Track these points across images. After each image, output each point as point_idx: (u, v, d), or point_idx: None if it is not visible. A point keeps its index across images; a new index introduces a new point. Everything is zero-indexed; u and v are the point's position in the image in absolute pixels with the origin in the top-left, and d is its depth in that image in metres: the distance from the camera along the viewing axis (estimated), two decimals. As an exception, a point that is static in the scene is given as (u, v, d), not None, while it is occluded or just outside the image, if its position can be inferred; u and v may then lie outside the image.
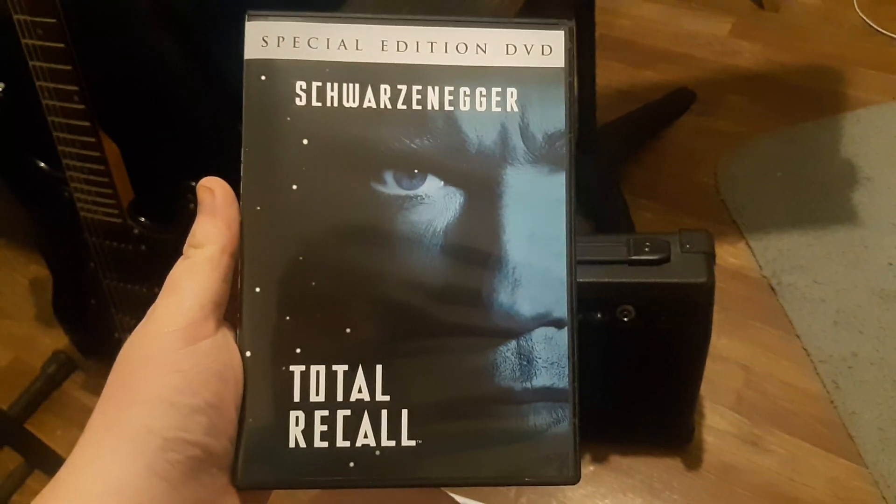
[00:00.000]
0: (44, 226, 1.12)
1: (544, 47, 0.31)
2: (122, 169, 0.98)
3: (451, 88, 0.31)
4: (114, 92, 0.97)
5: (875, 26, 1.62)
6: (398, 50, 0.31)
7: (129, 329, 1.13)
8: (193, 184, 0.99)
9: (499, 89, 0.31)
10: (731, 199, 1.37)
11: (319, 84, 0.31)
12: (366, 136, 0.31)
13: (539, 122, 0.31)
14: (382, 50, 0.31)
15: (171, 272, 0.32)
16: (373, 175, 0.31)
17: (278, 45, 0.31)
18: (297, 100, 0.31)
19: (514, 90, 0.31)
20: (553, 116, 0.31)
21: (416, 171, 0.31)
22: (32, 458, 1.17)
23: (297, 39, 0.31)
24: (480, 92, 0.31)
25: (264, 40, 0.31)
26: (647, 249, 0.86)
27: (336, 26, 0.31)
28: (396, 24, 0.31)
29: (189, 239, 0.32)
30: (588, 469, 1.10)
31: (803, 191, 1.36)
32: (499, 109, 0.31)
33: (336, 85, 0.31)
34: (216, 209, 0.31)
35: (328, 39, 0.31)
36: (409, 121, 0.31)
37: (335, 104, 0.31)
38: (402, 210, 0.30)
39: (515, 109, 0.31)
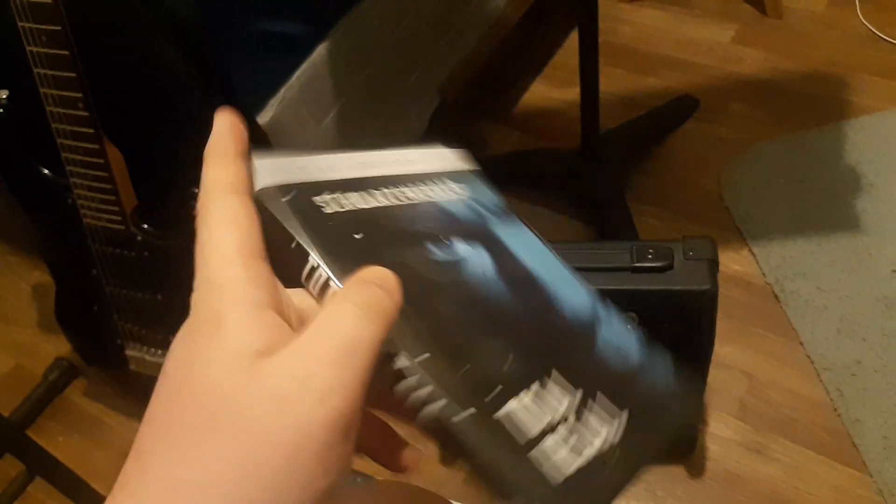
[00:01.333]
0: (47, 232, 1.12)
1: (442, 157, 0.40)
2: (126, 176, 0.98)
3: (420, 185, 0.37)
4: (117, 99, 0.98)
5: (878, 33, 1.62)
6: (361, 168, 0.36)
7: (132, 336, 1.12)
8: (196, 191, 1.00)
9: (446, 182, 0.39)
10: (734, 205, 1.37)
11: (331, 195, 0.34)
12: (395, 225, 0.35)
13: (483, 199, 0.39)
14: (353, 168, 0.36)
15: (204, 253, 0.26)
16: (420, 247, 0.34)
17: (287, 172, 0.33)
18: (324, 208, 0.33)
19: (453, 183, 0.39)
20: (488, 195, 0.40)
21: (443, 240, 0.35)
22: (34, 466, 1.17)
23: (297, 167, 0.34)
24: (440, 185, 0.38)
25: (275, 170, 0.33)
26: (650, 256, 0.85)
27: (316, 157, 0.35)
28: (352, 152, 0.37)
29: (215, 179, 0.28)
30: (591, 477, 1.09)
31: (807, 198, 1.36)
32: (455, 195, 0.38)
33: (342, 194, 0.34)
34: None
35: (315, 168, 0.35)
36: (412, 210, 0.35)
37: (353, 207, 0.34)
38: (458, 270, 0.34)
39: (465, 193, 0.39)
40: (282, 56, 1.15)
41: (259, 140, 1.04)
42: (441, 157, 0.41)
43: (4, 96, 1.00)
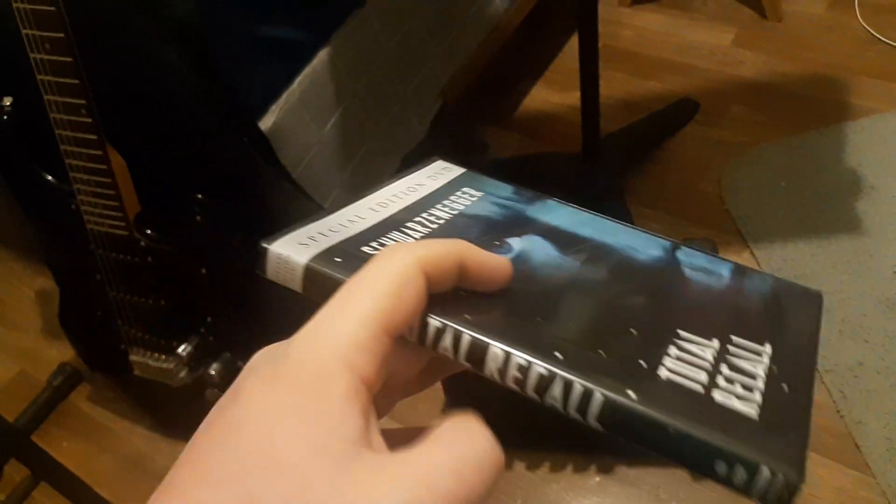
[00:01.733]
0: (51, 238, 1.13)
1: (444, 169, 0.41)
2: (129, 181, 0.99)
3: (443, 203, 0.37)
4: (120, 105, 0.98)
5: (877, 35, 1.63)
6: (382, 208, 0.36)
7: (136, 341, 1.12)
8: (199, 196, 1.01)
9: (463, 190, 0.39)
10: (735, 208, 1.38)
11: (376, 243, 0.32)
12: None
13: (501, 193, 0.39)
14: (376, 211, 0.35)
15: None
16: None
17: (316, 240, 0.31)
18: None
19: (469, 188, 0.39)
20: (502, 187, 0.40)
21: (496, 243, 0.34)
22: (39, 471, 1.18)
23: (319, 234, 0.32)
24: (459, 195, 0.38)
25: (299, 244, 0.31)
26: (651, 259, 0.86)
27: (330, 217, 0.34)
28: (362, 198, 0.36)
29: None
30: (594, 480, 1.09)
31: (807, 200, 1.36)
32: (477, 199, 0.39)
33: (384, 238, 0.33)
34: None
35: (336, 224, 0.33)
36: (451, 229, 0.35)
37: None
38: (527, 263, 0.33)
39: (483, 193, 0.39)
40: (283, 61, 1.16)
41: (261, 144, 1.05)
42: (442, 170, 0.41)
43: (8, 103, 1.01)
